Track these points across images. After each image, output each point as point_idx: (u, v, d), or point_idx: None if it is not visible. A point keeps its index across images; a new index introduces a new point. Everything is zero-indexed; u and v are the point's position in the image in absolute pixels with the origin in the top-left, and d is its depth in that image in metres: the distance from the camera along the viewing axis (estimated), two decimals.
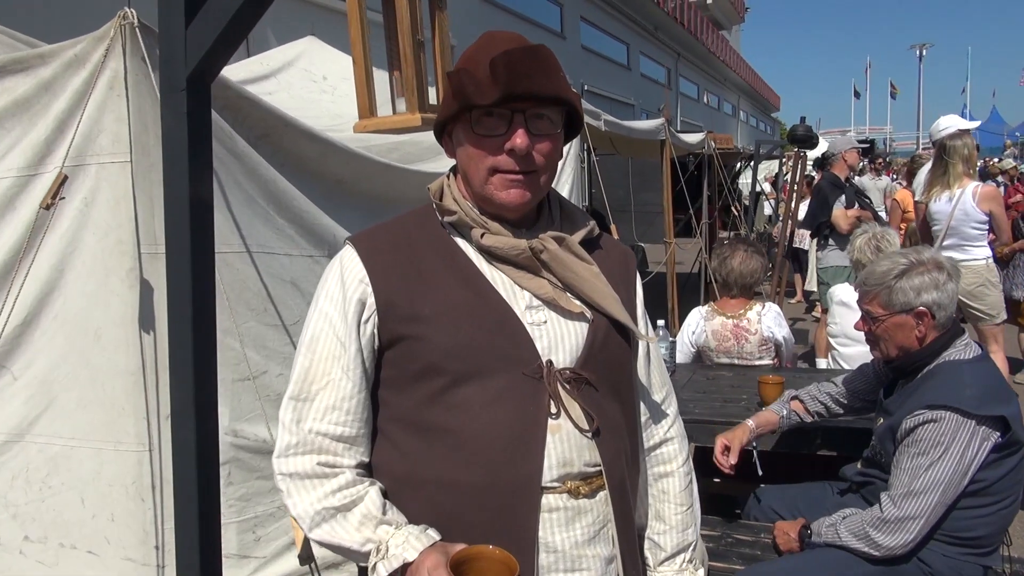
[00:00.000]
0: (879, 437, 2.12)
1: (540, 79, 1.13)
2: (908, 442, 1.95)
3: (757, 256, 3.41)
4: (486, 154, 1.16)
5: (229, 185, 2.39)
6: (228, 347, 2.35)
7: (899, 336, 2.10)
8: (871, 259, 3.42)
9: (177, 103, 1.35)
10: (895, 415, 2.04)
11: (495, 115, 1.14)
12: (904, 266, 2.10)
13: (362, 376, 1.19)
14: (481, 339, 1.16)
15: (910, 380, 2.12)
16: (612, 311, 1.22)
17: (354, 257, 1.22)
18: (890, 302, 2.10)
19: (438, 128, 1.26)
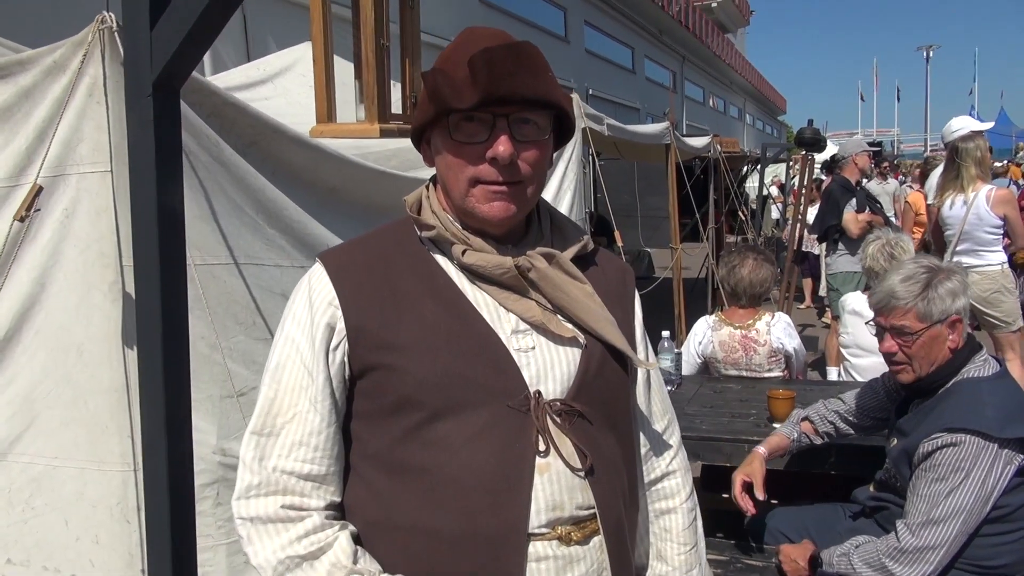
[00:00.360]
0: (894, 460, 2.01)
1: (524, 79, 1.02)
2: (926, 467, 1.84)
3: (767, 264, 3.31)
4: (466, 163, 1.06)
5: (216, 195, 2.30)
6: (215, 363, 2.26)
7: (934, 351, 1.97)
8: (884, 266, 3.31)
9: (143, 109, 1.27)
10: (911, 437, 1.93)
11: (475, 120, 1.04)
12: (925, 273, 1.98)
13: (331, 408, 1.09)
14: (461, 368, 1.05)
15: (926, 399, 2.00)
16: (607, 335, 1.12)
17: (323, 277, 1.12)
18: (928, 313, 1.95)
19: (416, 135, 1.15)
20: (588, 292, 1.12)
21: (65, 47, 2.11)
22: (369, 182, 2.92)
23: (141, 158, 1.29)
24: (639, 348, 1.25)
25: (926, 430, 1.87)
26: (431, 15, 1.41)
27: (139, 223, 1.31)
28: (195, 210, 2.22)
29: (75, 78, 2.06)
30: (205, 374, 2.27)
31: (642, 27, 24.72)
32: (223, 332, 2.29)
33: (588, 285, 1.13)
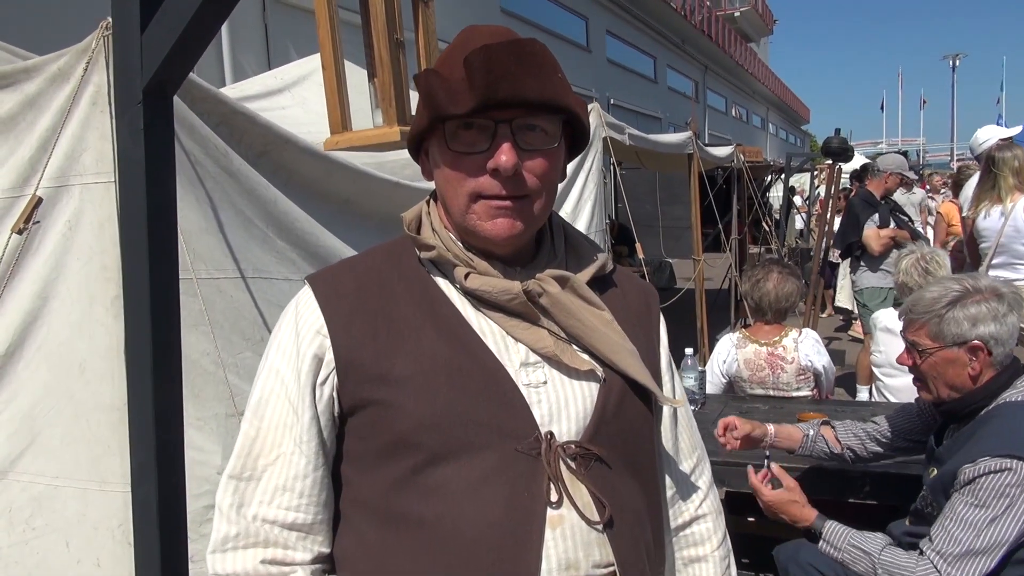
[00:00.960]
0: (931, 489, 1.88)
1: (528, 80, 0.91)
2: (965, 491, 1.71)
3: (792, 278, 3.18)
4: (465, 176, 0.95)
5: (224, 207, 2.23)
6: (220, 380, 2.19)
7: (949, 373, 1.86)
8: (919, 282, 3.17)
9: (133, 116, 1.20)
10: (948, 464, 1.81)
11: (474, 127, 0.94)
12: (957, 293, 1.86)
13: (319, 450, 0.98)
14: (464, 406, 0.93)
15: (963, 424, 1.88)
16: (628, 368, 1.00)
17: (311, 302, 1.01)
18: (940, 333, 1.86)
19: (413, 145, 1.05)
20: (606, 319, 1.01)
21: (69, 55, 2.05)
22: (384, 193, 2.84)
23: (131, 167, 1.21)
24: (664, 380, 1.13)
25: (966, 456, 1.75)
26: (449, 24, 1.31)
27: (129, 236, 1.24)
28: (201, 222, 2.15)
29: (78, 86, 2.01)
30: (210, 392, 2.20)
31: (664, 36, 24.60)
32: (229, 348, 2.22)
33: (606, 311, 1.02)
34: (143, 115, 1.18)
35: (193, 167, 2.15)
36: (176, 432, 1.28)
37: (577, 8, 18.42)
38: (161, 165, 1.21)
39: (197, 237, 2.12)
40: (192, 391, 2.18)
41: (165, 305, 1.24)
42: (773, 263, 3.31)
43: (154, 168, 1.20)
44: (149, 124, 1.19)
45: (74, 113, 2.01)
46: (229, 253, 2.22)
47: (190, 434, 2.19)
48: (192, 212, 2.12)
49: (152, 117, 1.19)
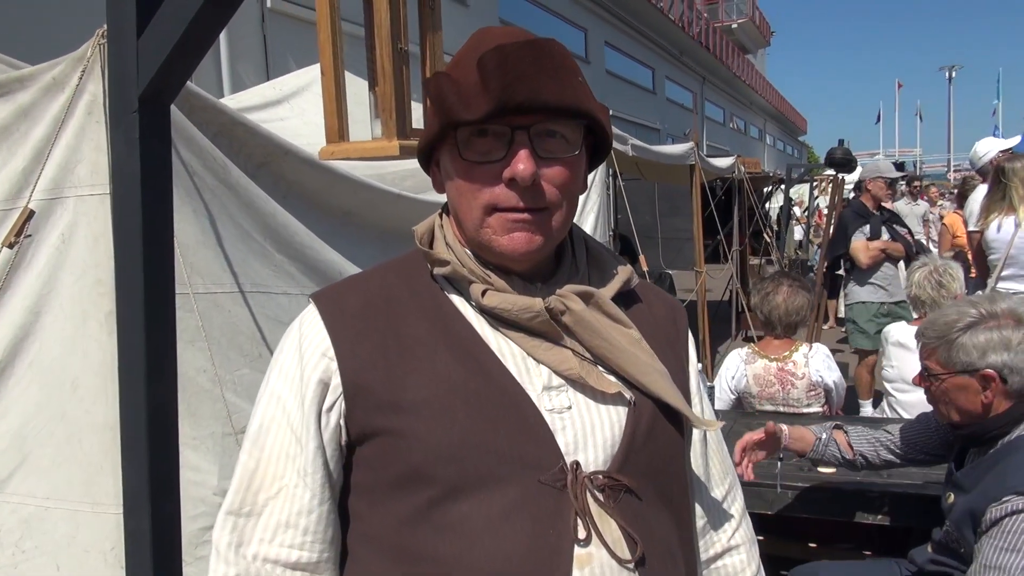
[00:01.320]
0: (955, 522, 1.80)
1: (546, 83, 0.84)
2: (994, 534, 1.63)
3: (803, 291, 3.12)
4: (479, 187, 0.88)
5: (222, 219, 2.18)
6: (217, 398, 2.12)
7: (961, 400, 1.80)
8: (932, 295, 3.12)
9: (128, 126, 1.14)
10: (972, 495, 1.73)
11: (489, 134, 0.87)
12: (972, 318, 1.79)
13: (325, 482, 0.91)
14: (483, 435, 0.86)
15: (985, 450, 1.81)
16: (659, 391, 0.93)
17: (316, 321, 0.94)
18: (949, 360, 1.80)
19: (424, 156, 0.98)
20: (634, 338, 0.94)
21: (64, 63, 2.00)
22: (386, 205, 2.78)
23: (126, 180, 1.15)
24: (694, 402, 1.06)
25: (992, 493, 1.68)
26: (447, 37, 1.24)
27: (122, 250, 1.18)
28: (199, 235, 2.10)
29: (73, 95, 1.95)
30: (206, 410, 2.14)
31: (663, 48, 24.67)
32: (226, 365, 2.15)
33: (634, 329, 0.95)
34: (139, 125, 1.12)
35: (191, 178, 2.09)
36: (171, 458, 1.22)
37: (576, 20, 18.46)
38: (157, 177, 1.15)
39: (194, 250, 2.06)
40: (188, 409, 2.12)
41: (160, 322, 1.18)
42: (783, 276, 3.26)
43: (150, 180, 1.14)
44: (145, 134, 1.13)
45: (69, 123, 1.96)
46: (227, 267, 2.16)
47: (186, 454, 2.13)
48: (189, 225, 2.06)
49: (148, 127, 1.13)
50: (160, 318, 1.18)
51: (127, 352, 1.18)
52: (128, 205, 1.15)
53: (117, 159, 1.16)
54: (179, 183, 2.04)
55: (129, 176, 1.14)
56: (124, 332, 1.18)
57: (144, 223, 1.15)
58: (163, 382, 1.19)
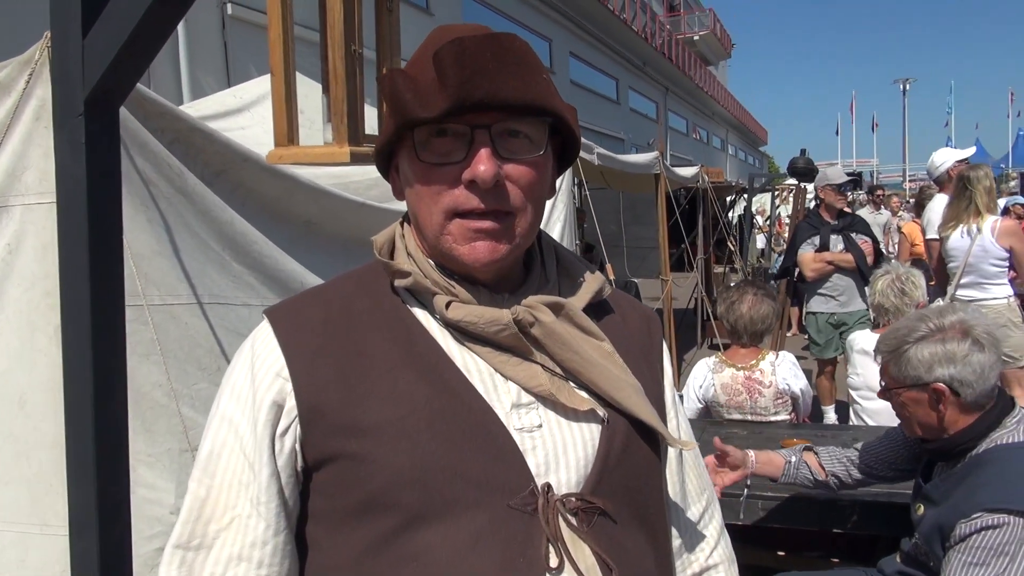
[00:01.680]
0: (924, 536, 1.79)
1: (508, 79, 0.79)
2: (963, 548, 1.63)
3: (767, 300, 3.13)
4: (439, 190, 0.83)
5: (178, 228, 2.10)
6: (173, 413, 2.05)
7: (919, 413, 1.80)
8: (895, 303, 3.14)
9: (73, 130, 1.08)
10: (942, 509, 1.73)
11: (449, 134, 0.82)
12: (921, 332, 1.79)
13: (279, 512, 0.85)
14: (448, 458, 0.81)
15: (953, 464, 1.80)
16: (633, 407, 0.88)
17: (269, 339, 0.88)
18: (900, 374, 1.81)
19: (382, 161, 0.93)
20: (606, 351, 0.89)
21: (10, 67, 1.92)
22: (348, 214, 2.73)
23: (72, 186, 1.09)
24: (670, 416, 1.01)
25: (962, 508, 1.66)
26: (408, 45, 1.19)
27: (68, 262, 1.12)
28: (154, 245, 2.02)
29: (20, 100, 1.87)
30: (162, 426, 2.06)
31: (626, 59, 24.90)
32: (183, 379, 2.08)
33: (606, 342, 0.90)
34: (85, 128, 1.07)
35: (145, 186, 2.02)
36: (121, 479, 1.16)
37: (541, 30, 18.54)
38: (105, 183, 1.10)
39: (149, 260, 1.99)
40: (143, 425, 2.04)
41: (109, 337, 1.12)
42: (747, 285, 3.26)
43: (97, 186, 1.09)
44: (92, 138, 1.07)
45: (15, 129, 1.88)
46: (184, 277, 2.09)
47: (141, 471, 2.05)
48: (144, 234, 1.99)
49: (95, 130, 1.07)
50: (109, 333, 1.11)
51: (73, 369, 1.11)
52: (74, 213, 1.09)
53: (62, 165, 1.10)
54: (133, 191, 1.97)
55: (75, 182, 1.08)
56: (70, 348, 1.12)
57: (91, 232, 1.09)
58: (112, 400, 1.13)
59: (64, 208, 1.11)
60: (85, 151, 1.07)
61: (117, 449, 1.16)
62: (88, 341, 1.10)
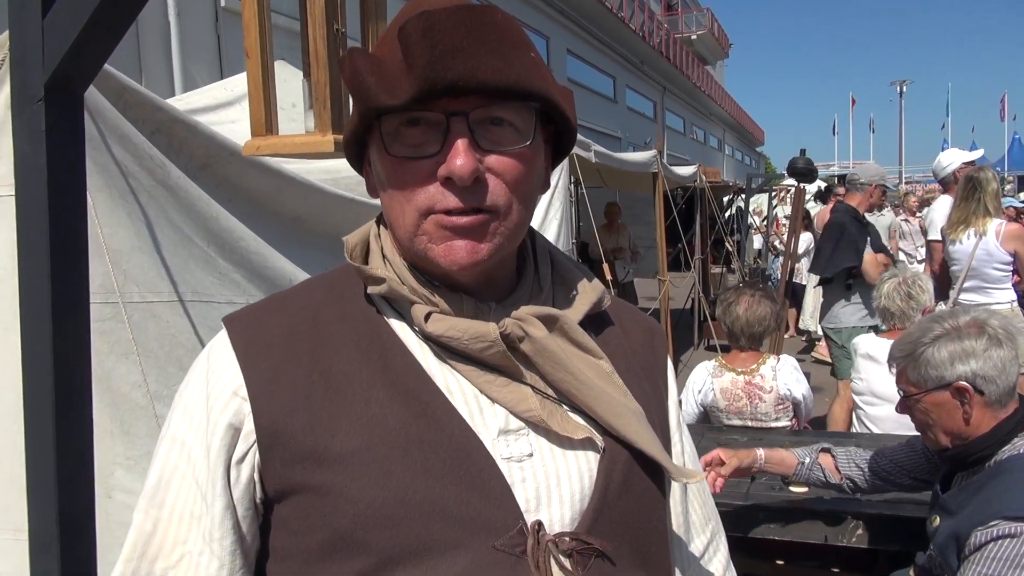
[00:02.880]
0: (940, 547, 1.72)
1: (486, 57, 0.69)
2: (977, 559, 1.56)
3: (766, 301, 3.05)
4: (412, 188, 0.73)
5: (159, 223, 2.02)
6: (153, 415, 1.97)
7: (944, 418, 1.74)
8: (901, 307, 3.07)
9: (32, 117, 1.00)
10: (958, 518, 1.66)
11: (422, 123, 0.72)
12: (936, 333, 1.75)
13: (235, 548, 0.76)
14: (425, 491, 0.71)
15: (973, 473, 1.74)
16: (632, 436, 0.78)
17: (226, 352, 0.78)
18: (920, 377, 1.75)
19: (353, 154, 0.83)
20: (604, 371, 0.80)
21: None
22: (339, 210, 2.64)
23: (31, 175, 1.01)
24: (674, 441, 0.92)
25: (979, 517, 1.60)
26: None
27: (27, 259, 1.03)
28: (133, 240, 1.94)
29: None
30: (141, 427, 1.98)
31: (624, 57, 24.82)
32: (163, 379, 2.00)
33: (604, 360, 0.81)
34: (45, 115, 0.99)
35: (125, 179, 1.94)
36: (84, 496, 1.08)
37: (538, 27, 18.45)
38: (67, 173, 1.02)
39: (128, 256, 1.90)
40: (122, 428, 1.96)
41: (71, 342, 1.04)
42: (746, 287, 3.18)
43: (58, 177, 1.00)
44: (52, 125, 0.99)
45: None
46: (165, 274, 2.01)
47: (119, 475, 1.97)
48: (123, 228, 1.91)
49: (56, 117, 0.99)
50: (71, 337, 1.03)
51: (32, 377, 1.03)
52: (33, 206, 1.01)
53: (21, 155, 1.02)
54: (112, 183, 1.89)
55: (34, 173, 1.00)
56: (29, 353, 1.04)
57: (52, 226, 1.01)
58: (74, 408, 1.05)
59: (23, 201, 1.02)
60: (45, 140, 0.99)
61: (81, 461, 1.08)
62: (48, 346, 1.02)
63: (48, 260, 1.01)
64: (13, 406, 1.87)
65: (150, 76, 6.70)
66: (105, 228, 1.84)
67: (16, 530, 1.96)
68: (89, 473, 1.10)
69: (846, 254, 4.40)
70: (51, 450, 1.04)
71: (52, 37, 0.96)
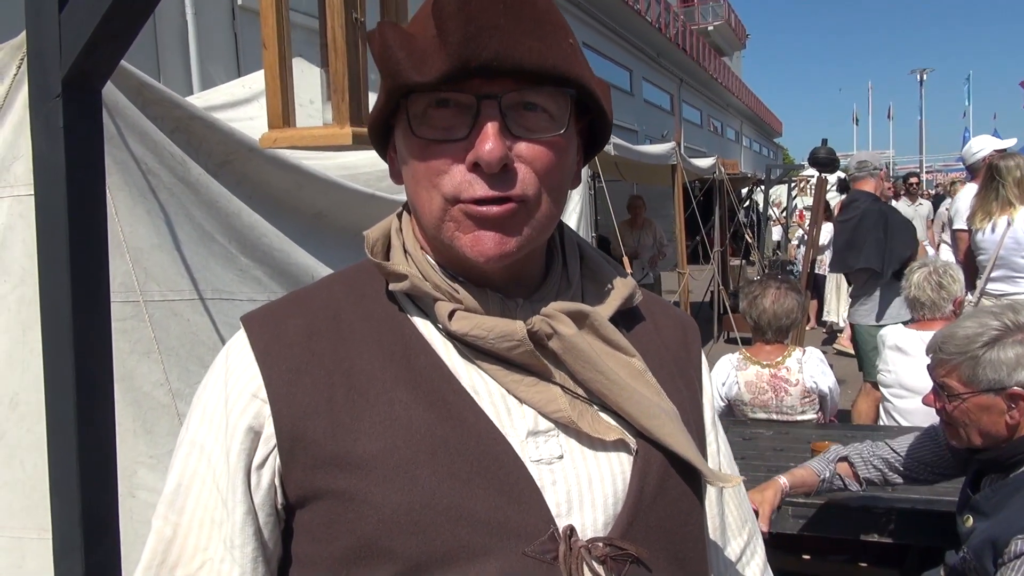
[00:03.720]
0: (974, 550, 1.67)
1: (524, 38, 0.65)
2: (1018, 567, 1.51)
3: (792, 293, 3.00)
4: (437, 173, 0.69)
5: (180, 220, 2.01)
6: (175, 413, 1.96)
7: (984, 421, 1.67)
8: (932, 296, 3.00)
9: (51, 114, 0.99)
10: (994, 522, 1.61)
11: (451, 105, 0.68)
12: (996, 331, 1.65)
13: (257, 555, 0.73)
14: (452, 497, 0.68)
15: (1006, 473, 1.68)
16: (666, 438, 0.75)
17: (245, 352, 0.76)
18: (974, 377, 1.65)
19: (378, 137, 0.78)
20: (637, 369, 0.77)
21: (3, 51, 1.83)
22: (360, 206, 2.63)
23: (49, 173, 1.00)
24: (710, 441, 0.88)
25: (1018, 523, 1.55)
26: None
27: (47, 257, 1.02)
28: (153, 238, 1.93)
29: (12, 86, 1.78)
30: (164, 426, 1.97)
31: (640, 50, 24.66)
32: (185, 377, 1.99)
33: (637, 358, 0.77)
34: (63, 111, 0.97)
35: (145, 176, 1.93)
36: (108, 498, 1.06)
37: None
38: (86, 171, 1.00)
39: (148, 255, 1.90)
40: (144, 427, 1.96)
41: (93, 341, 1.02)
42: (771, 279, 3.14)
43: (77, 174, 0.99)
44: (71, 122, 0.98)
45: (6, 116, 1.79)
46: (185, 272, 2.00)
47: (142, 474, 1.97)
48: (143, 227, 1.90)
49: (74, 114, 0.98)
50: (93, 336, 1.02)
51: (54, 377, 1.02)
52: (52, 205, 1.00)
53: (39, 152, 1.01)
54: (131, 181, 1.89)
55: (53, 171, 0.99)
56: (50, 353, 1.03)
57: (71, 225, 0.99)
58: (97, 411, 1.03)
59: (42, 200, 1.01)
60: (64, 137, 0.98)
61: (104, 461, 1.07)
62: (70, 346, 1.00)
63: (68, 259, 0.99)
64: (36, 406, 1.87)
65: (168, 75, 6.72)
66: (125, 226, 1.83)
67: (41, 529, 1.97)
68: (112, 473, 1.09)
69: (908, 243, 4.20)
70: (74, 451, 1.03)
71: (69, 32, 0.95)
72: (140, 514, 1.94)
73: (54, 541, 1.10)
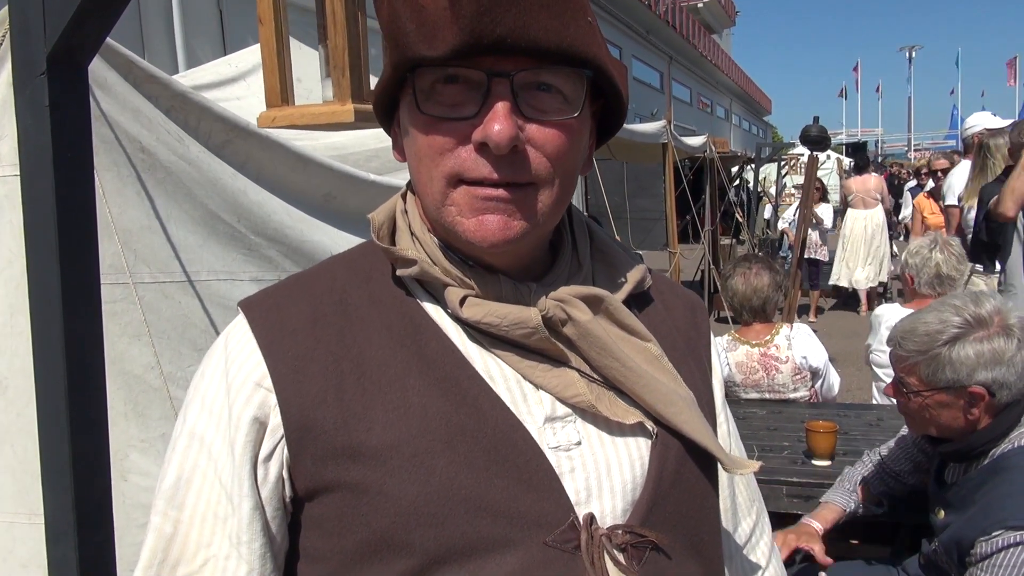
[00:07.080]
0: (944, 545, 1.67)
1: (540, 14, 0.62)
2: (985, 567, 1.51)
3: (765, 271, 2.97)
4: (442, 151, 0.66)
5: (178, 199, 1.97)
6: (167, 396, 1.95)
7: (944, 416, 1.65)
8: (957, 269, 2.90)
9: (35, 92, 0.97)
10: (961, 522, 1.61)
11: (460, 81, 0.65)
12: (957, 328, 1.60)
13: (265, 551, 0.71)
14: (470, 486, 0.66)
15: (970, 465, 1.68)
16: (686, 426, 0.73)
17: (246, 338, 0.72)
18: (934, 377, 1.61)
19: (384, 111, 0.75)
20: (653, 355, 0.75)
21: None
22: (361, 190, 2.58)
23: (35, 153, 0.98)
24: (720, 421, 0.87)
25: (982, 524, 1.54)
26: None
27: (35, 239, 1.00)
28: (143, 220, 1.90)
29: None
30: (155, 409, 1.96)
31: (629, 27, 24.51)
32: (177, 360, 1.97)
33: (653, 343, 0.75)
34: (48, 88, 0.95)
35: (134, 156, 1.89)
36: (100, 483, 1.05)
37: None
38: (73, 150, 0.98)
39: (138, 236, 1.87)
40: (136, 410, 1.94)
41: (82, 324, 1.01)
42: (744, 260, 3.12)
43: (64, 153, 0.97)
44: (57, 100, 0.96)
45: None
46: (176, 254, 1.98)
47: (134, 458, 1.95)
48: (132, 208, 1.87)
49: (60, 91, 0.96)
50: (82, 319, 1.00)
51: (44, 361, 1.00)
52: (39, 185, 0.98)
53: (25, 131, 0.99)
54: (120, 161, 1.85)
55: (39, 150, 0.97)
56: (40, 336, 1.01)
57: (59, 206, 0.97)
58: (88, 395, 1.02)
59: (28, 180, 0.99)
60: (50, 115, 0.95)
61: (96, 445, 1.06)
62: (60, 328, 0.99)
63: (56, 241, 0.98)
64: (25, 390, 1.85)
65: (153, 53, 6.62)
66: (114, 207, 1.80)
67: (31, 514, 1.95)
68: (105, 457, 1.08)
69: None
70: (66, 436, 1.02)
71: (54, 5, 0.92)
72: (132, 497, 1.93)
73: (47, 527, 1.09)
